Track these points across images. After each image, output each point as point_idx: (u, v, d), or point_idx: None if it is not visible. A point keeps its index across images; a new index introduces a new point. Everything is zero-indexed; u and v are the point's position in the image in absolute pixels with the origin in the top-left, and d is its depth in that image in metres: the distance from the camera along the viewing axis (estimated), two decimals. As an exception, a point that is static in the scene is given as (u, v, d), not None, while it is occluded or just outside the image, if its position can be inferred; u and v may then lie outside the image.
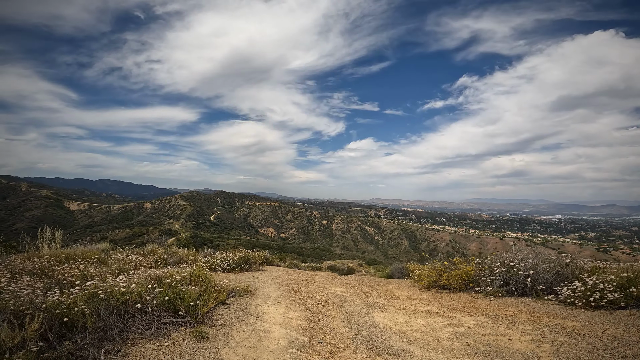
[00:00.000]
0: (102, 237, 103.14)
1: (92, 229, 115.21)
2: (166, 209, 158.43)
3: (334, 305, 6.35)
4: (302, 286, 8.33)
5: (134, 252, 9.64)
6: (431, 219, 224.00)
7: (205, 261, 9.95)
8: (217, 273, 9.36)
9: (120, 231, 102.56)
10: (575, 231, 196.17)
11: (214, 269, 9.81)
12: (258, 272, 10.14)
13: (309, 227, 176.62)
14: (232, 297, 6.25)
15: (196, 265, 8.72)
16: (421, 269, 10.04)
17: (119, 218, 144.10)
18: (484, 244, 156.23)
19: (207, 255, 11.54)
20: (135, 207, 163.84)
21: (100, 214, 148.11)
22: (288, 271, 11.42)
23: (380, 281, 10.04)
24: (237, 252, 11.67)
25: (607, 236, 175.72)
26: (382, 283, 9.52)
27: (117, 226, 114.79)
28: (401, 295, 7.48)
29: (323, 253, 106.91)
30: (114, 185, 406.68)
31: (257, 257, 11.49)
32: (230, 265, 10.10)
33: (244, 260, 10.59)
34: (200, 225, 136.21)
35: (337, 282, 9.43)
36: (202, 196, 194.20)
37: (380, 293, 7.82)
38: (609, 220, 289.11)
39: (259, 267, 10.99)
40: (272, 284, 8.20)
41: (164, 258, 9.12)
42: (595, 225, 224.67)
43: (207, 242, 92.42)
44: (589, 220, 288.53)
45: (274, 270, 11.02)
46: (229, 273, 9.71)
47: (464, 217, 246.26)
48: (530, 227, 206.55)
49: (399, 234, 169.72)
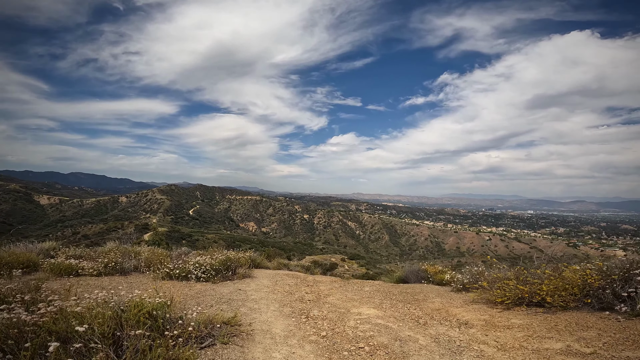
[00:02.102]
0: (74, 232, 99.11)
1: (63, 223, 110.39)
2: (143, 203, 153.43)
3: (390, 355, 3.95)
4: (313, 305, 6.13)
5: (84, 253, 8.35)
6: (411, 214, 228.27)
7: (173, 267, 7.77)
8: (190, 284, 7.21)
9: (94, 226, 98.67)
10: (546, 226, 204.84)
11: (186, 277, 7.61)
12: (245, 281, 7.98)
13: (291, 222, 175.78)
14: (210, 345, 3.60)
15: (160, 272, 7.56)
16: (442, 270, 8.72)
17: (92, 212, 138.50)
18: (461, 238, 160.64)
19: (180, 256, 9.41)
20: (110, 201, 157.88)
21: (72, 209, 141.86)
22: (280, 275, 9.42)
23: (406, 291, 7.82)
24: (216, 253, 9.37)
25: (577, 231, 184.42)
26: (414, 294, 7.41)
27: (90, 221, 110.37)
28: (473, 318, 5.32)
29: (305, 248, 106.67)
30: (87, 179, 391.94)
31: (243, 260, 9.24)
32: (207, 272, 7.75)
33: (225, 265, 8.26)
34: (178, 219, 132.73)
35: (354, 295, 7.25)
36: (180, 190, 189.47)
37: (433, 315, 5.64)
38: (578, 216, 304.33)
39: (245, 272, 8.68)
40: (269, 303, 6.02)
41: (119, 262, 7.60)
42: (565, 220, 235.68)
43: (186, 236, 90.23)
44: (559, 215, 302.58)
45: (263, 276, 8.96)
46: (206, 284, 7.40)
47: (442, 212, 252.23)
48: (504, 222, 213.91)
49: (379, 229, 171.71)
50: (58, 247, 8.88)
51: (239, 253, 10.11)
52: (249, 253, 10.82)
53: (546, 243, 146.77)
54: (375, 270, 56.50)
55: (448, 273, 8.82)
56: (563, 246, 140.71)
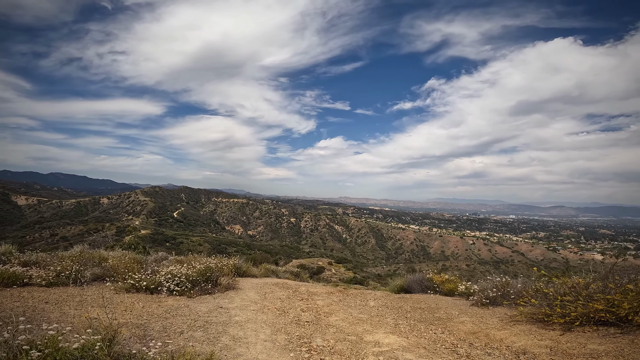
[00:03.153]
0: (52, 233, 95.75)
1: (41, 225, 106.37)
2: (125, 204, 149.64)
3: None
4: (313, 330, 4.83)
5: (40, 259, 7.18)
6: (397, 218, 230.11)
7: (140, 278, 6.48)
8: (160, 299, 5.97)
9: (73, 227, 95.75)
10: (528, 230, 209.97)
11: (156, 290, 6.34)
12: (228, 295, 6.75)
13: (277, 225, 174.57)
14: None
15: (125, 283, 6.39)
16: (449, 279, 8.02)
17: (71, 214, 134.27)
18: (446, 242, 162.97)
19: (157, 262, 8.25)
20: (91, 202, 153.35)
21: (51, 210, 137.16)
22: (269, 285, 8.30)
23: (419, 305, 6.72)
24: (196, 260, 8.11)
25: (556, 236, 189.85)
26: (432, 310, 6.32)
27: (70, 222, 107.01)
28: (530, 345, 4.14)
29: (291, 251, 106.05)
30: (67, 179, 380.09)
31: (226, 269, 8.02)
32: (182, 284, 6.48)
33: (204, 275, 7.00)
34: (162, 222, 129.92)
35: (360, 312, 6.12)
36: (165, 192, 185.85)
37: (472, 342, 4.44)
38: (558, 221, 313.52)
39: (228, 282, 7.45)
40: (258, 329, 4.70)
41: (76, 270, 6.44)
42: (546, 225, 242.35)
43: (170, 239, 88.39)
44: (539, 220, 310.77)
45: (250, 287, 7.80)
46: (180, 298, 6.13)
47: (427, 216, 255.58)
48: (487, 227, 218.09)
49: (366, 232, 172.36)
50: (11, 251, 7.60)
51: (223, 260, 9.01)
52: (233, 260, 9.69)
53: (527, 247, 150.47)
54: (363, 274, 56.76)
55: (462, 283, 7.85)
56: (543, 250, 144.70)
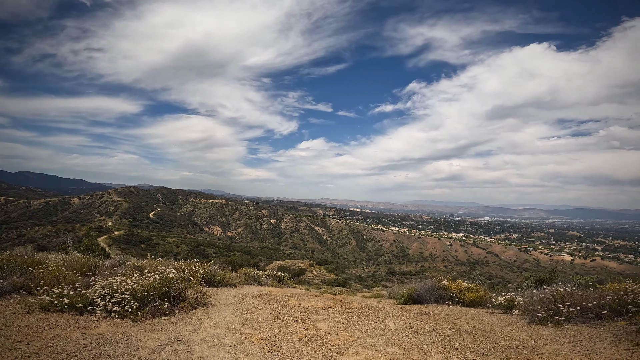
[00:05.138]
0: (19, 234, 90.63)
1: (7, 225, 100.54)
2: (97, 204, 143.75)
3: None
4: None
5: None
6: (377, 220, 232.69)
7: (61, 292, 4.77)
8: (90, 322, 4.36)
9: (41, 228, 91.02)
10: (501, 232, 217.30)
11: (87, 309, 4.68)
12: (193, 317, 4.93)
13: (258, 226, 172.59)
14: None
15: (42, 299, 4.68)
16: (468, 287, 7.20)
17: (40, 214, 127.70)
18: (424, 244, 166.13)
19: (111, 268, 6.80)
20: (60, 202, 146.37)
21: (18, 209, 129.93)
22: (250, 298, 6.67)
23: (460, 327, 5.24)
24: (157, 266, 6.48)
25: (528, 237, 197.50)
26: (485, 333, 4.87)
27: (38, 223, 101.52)
28: None
29: (272, 252, 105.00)
30: (36, 178, 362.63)
31: (194, 279, 6.19)
32: (125, 302, 4.70)
33: (160, 289, 5.13)
34: (137, 222, 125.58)
35: (384, 342, 4.58)
36: (140, 192, 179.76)
37: None
38: (529, 223, 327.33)
39: (197, 296, 5.68)
40: None
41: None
42: (518, 227, 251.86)
43: (145, 240, 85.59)
44: (512, 222, 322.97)
45: (226, 302, 6.11)
46: (120, 322, 4.44)
47: (406, 218, 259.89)
48: (463, 228, 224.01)
49: (346, 234, 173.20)
50: None
51: (192, 265, 7.30)
52: (206, 265, 7.88)
53: (501, 248, 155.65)
54: (344, 275, 56.80)
55: (502, 295, 6.72)
56: (516, 251, 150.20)
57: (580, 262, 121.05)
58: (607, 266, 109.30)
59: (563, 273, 16.23)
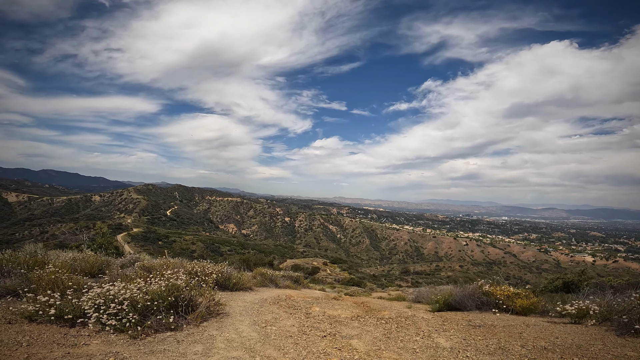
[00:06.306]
0: (42, 231, 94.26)
1: (31, 222, 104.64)
2: (117, 202, 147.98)
3: None
4: None
5: None
6: (391, 219, 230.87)
7: (48, 302, 3.97)
8: (80, 338, 3.57)
9: (63, 225, 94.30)
10: (520, 232, 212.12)
11: (79, 321, 3.91)
12: (204, 333, 4.06)
13: (272, 224, 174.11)
14: None
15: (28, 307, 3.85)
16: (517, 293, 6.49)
17: (62, 211, 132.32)
18: (439, 243, 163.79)
19: (122, 268, 6.35)
20: (82, 199, 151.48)
21: (42, 207, 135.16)
22: (268, 305, 5.88)
23: (521, 339, 4.30)
24: (162, 272, 5.36)
25: (548, 237, 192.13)
26: (570, 353, 3.86)
27: (60, 220, 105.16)
28: None
29: (286, 250, 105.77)
30: (59, 177, 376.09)
31: (206, 285, 5.46)
32: (123, 314, 3.93)
33: (165, 299, 4.33)
34: (155, 220, 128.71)
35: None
36: (158, 190, 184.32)
37: None
38: (549, 223, 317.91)
39: (209, 305, 4.86)
40: None
41: None
42: (537, 227, 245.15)
43: (162, 237, 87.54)
44: (531, 222, 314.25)
45: (241, 312, 5.24)
46: (115, 339, 3.65)
47: (421, 217, 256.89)
48: (480, 228, 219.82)
49: (360, 233, 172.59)
50: None
51: (205, 266, 6.71)
52: (219, 267, 7.17)
53: (519, 249, 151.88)
54: (358, 274, 56.64)
55: (573, 303, 5.51)
56: (535, 252, 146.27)
57: (601, 263, 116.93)
58: (630, 267, 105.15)
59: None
